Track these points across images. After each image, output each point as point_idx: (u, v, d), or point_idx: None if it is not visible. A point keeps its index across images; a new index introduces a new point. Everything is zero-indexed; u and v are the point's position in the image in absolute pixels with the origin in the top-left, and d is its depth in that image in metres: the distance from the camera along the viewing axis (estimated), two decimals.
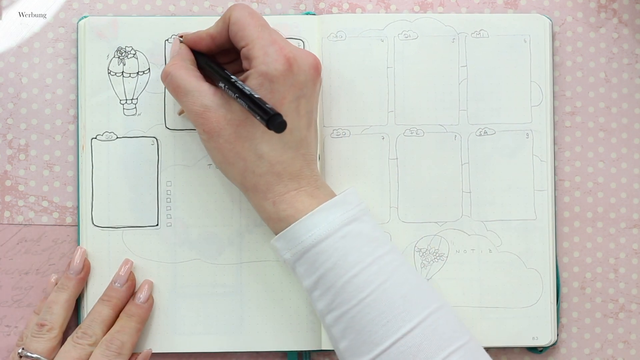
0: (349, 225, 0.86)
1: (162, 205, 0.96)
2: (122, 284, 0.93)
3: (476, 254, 0.97)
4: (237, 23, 0.88)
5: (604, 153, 0.99)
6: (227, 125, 0.86)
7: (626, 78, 0.99)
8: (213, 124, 0.87)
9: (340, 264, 0.85)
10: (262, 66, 0.85)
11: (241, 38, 0.87)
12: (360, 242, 0.86)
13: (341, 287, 0.84)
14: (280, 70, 0.85)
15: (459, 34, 0.97)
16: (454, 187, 0.97)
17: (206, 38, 0.91)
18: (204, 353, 0.97)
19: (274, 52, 0.86)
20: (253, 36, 0.87)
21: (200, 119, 0.87)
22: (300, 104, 0.87)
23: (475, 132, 0.97)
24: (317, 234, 0.85)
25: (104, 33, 0.96)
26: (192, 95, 0.87)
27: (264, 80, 0.85)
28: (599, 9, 0.99)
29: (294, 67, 0.86)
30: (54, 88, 0.97)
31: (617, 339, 0.99)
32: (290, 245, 0.86)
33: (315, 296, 0.87)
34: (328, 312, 0.86)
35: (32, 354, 0.91)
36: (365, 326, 0.84)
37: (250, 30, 0.87)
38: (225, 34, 0.89)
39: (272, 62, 0.85)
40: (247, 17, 0.88)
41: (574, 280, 0.99)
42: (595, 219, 0.99)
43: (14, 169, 0.96)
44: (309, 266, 0.86)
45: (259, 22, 0.88)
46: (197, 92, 0.87)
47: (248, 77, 0.86)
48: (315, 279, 0.86)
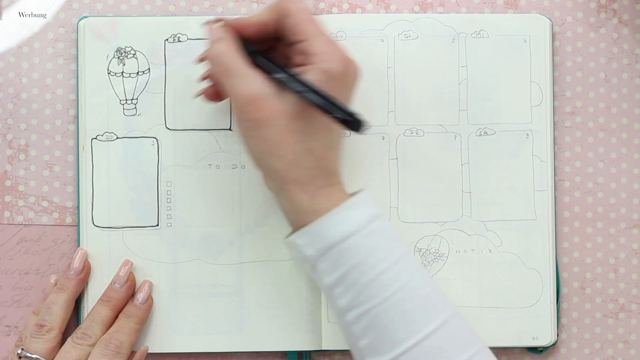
0: (374, 222, 0.85)
1: (162, 205, 0.96)
2: (121, 284, 0.93)
3: (476, 254, 0.97)
4: (295, 16, 0.85)
5: (604, 153, 0.99)
6: (280, 116, 0.83)
7: (626, 78, 0.99)
8: (265, 112, 0.83)
9: (366, 261, 0.83)
10: (325, 64, 0.84)
11: (299, 32, 0.85)
12: (385, 239, 0.85)
13: (366, 284, 0.83)
14: (340, 70, 0.84)
15: (459, 34, 0.97)
16: (454, 187, 0.97)
17: (255, 24, 0.87)
18: (204, 353, 0.97)
19: (336, 52, 0.84)
20: (313, 32, 0.85)
21: (249, 107, 0.83)
22: None
23: (475, 132, 0.97)
24: (345, 230, 0.84)
25: (104, 33, 0.96)
26: (245, 79, 0.84)
27: (324, 78, 0.83)
28: (599, 9, 0.99)
29: (349, 70, 0.85)
30: (54, 88, 0.97)
31: (617, 339, 0.99)
32: (315, 240, 0.84)
33: (336, 293, 0.85)
34: (350, 309, 0.84)
35: (31, 354, 0.91)
36: (388, 325, 0.83)
37: (310, 25, 0.85)
38: (275, 24, 0.87)
39: (335, 60, 0.84)
40: (305, 12, 0.85)
41: (574, 280, 0.99)
42: (595, 219, 0.99)
43: (14, 169, 0.96)
44: (333, 262, 0.84)
45: (315, 19, 0.86)
46: (251, 77, 0.84)
47: (306, 72, 0.84)
48: (338, 275, 0.84)
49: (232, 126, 0.96)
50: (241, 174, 0.96)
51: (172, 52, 0.96)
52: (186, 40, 0.96)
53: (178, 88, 0.96)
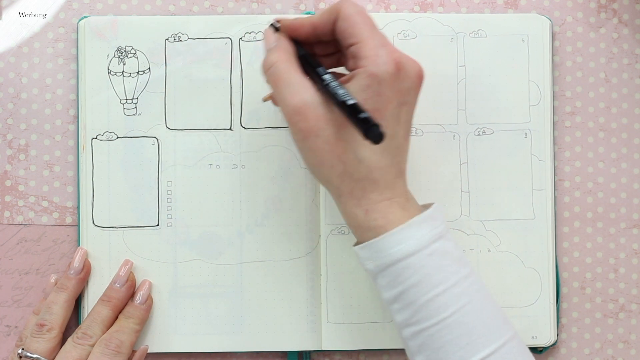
0: (436, 242, 0.83)
1: (162, 205, 0.96)
2: (121, 284, 0.94)
3: (475, 253, 0.97)
4: (348, 19, 0.84)
5: (604, 153, 0.99)
6: (327, 125, 0.82)
7: (626, 78, 0.99)
8: (311, 122, 0.82)
9: (425, 282, 0.82)
10: (372, 67, 0.82)
11: (351, 35, 0.84)
12: (445, 261, 0.83)
13: (423, 305, 0.82)
14: (389, 74, 0.82)
15: (457, 34, 0.97)
16: (453, 187, 0.97)
17: (308, 26, 0.87)
18: (204, 353, 0.97)
19: (385, 55, 0.83)
20: (364, 35, 0.83)
21: (297, 116, 0.82)
22: (402, 110, 0.84)
23: (473, 132, 0.97)
24: (405, 250, 0.82)
25: (104, 33, 0.96)
26: (293, 87, 0.82)
27: (372, 82, 0.82)
28: (599, 9, 0.99)
29: (401, 73, 0.83)
30: (54, 88, 0.97)
31: (617, 339, 0.99)
32: (375, 256, 0.83)
33: (394, 309, 0.84)
34: (406, 325, 0.84)
35: (31, 354, 0.91)
36: (443, 346, 0.82)
37: (362, 28, 0.84)
38: (329, 27, 0.86)
39: (383, 64, 0.82)
40: (358, 15, 0.84)
41: (574, 280, 0.99)
42: (595, 219, 0.99)
43: (14, 169, 0.96)
44: (392, 279, 0.83)
45: (370, 22, 0.84)
46: (298, 85, 0.82)
47: (355, 76, 0.83)
48: (396, 292, 0.83)
49: (232, 126, 0.96)
50: (241, 174, 0.96)
51: (172, 51, 0.96)
52: (186, 39, 0.96)
53: (178, 87, 0.96)
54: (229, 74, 0.96)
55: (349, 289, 0.96)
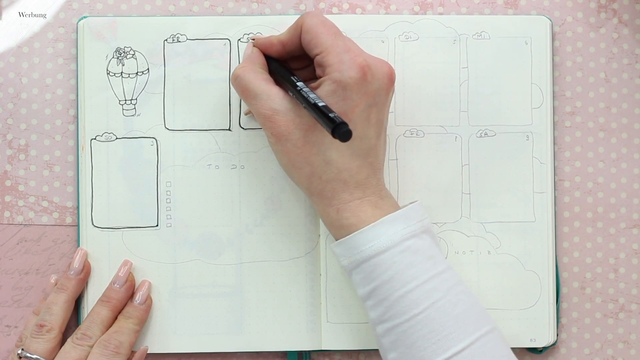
0: (409, 240, 0.85)
1: (162, 205, 0.96)
2: (121, 285, 0.94)
3: (475, 255, 0.97)
4: (310, 31, 0.87)
5: (604, 153, 0.99)
6: (296, 129, 0.86)
7: (626, 78, 0.99)
8: (281, 127, 0.86)
9: (396, 278, 0.84)
10: (336, 74, 0.85)
11: (315, 46, 0.87)
12: (417, 258, 0.85)
13: (395, 301, 0.84)
14: (354, 78, 0.85)
15: (460, 36, 0.97)
16: (454, 188, 0.97)
17: (277, 44, 0.91)
18: (204, 353, 0.97)
19: (348, 60, 0.85)
20: (327, 44, 0.86)
21: (268, 122, 0.87)
22: (371, 112, 0.87)
23: (475, 134, 0.97)
24: (377, 246, 0.85)
25: (104, 33, 0.96)
26: (260, 98, 0.87)
27: (337, 88, 0.85)
28: (599, 9, 0.99)
29: (367, 76, 0.86)
30: (54, 88, 0.96)
31: (617, 339, 0.99)
32: (349, 253, 0.86)
33: (368, 305, 0.87)
34: (379, 322, 0.86)
35: (31, 354, 0.91)
36: (416, 342, 0.84)
37: (324, 38, 0.87)
38: (296, 41, 0.89)
39: (347, 69, 0.85)
40: (320, 25, 0.87)
41: (574, 281, 0.99)
42: (595, 219, 0.99)
43: (14, 169, 0.96)
44: (365, 276, 0.86)
45: (333, 30, 0.88)
46: (265, 95, 0.87)
47: (321, 84, 0.86)
48: (370, 289, 0.86)
49: (231, 126, 0.96)
50: (241, 174, 0.96)
51: (171, 52, 0.96)
52: (185, 40, 0.96)
53: (177, 88, 0.96)
54: (228, 74, 0.96)
55: (348, 289, 0.96)
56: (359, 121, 0.86)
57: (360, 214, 0.86)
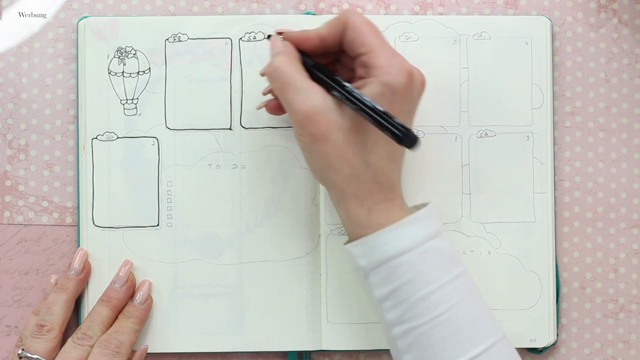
0: (431, 240, 0.84)
1: (162, 205, 0.96)
2: (121, 284, 0.94)
3: (475, 255, 0.97)
4: (357, 29, 0.85)
5: (604, 153, 0.99)
6: (338, 130, 0.83)
7: (626, 78, 0.99)
8: (322, 127, 0.83)
9: (418, 279, 0.83)
10: (386, 76, 0.83)
11: (361, 45, 0.85)
12: (439, 259, 0.84)
13: (415, 302, 0.83)
14: (403, 83, 0.83)
15: (460, 36, 0.97)
16: (454, 189, 0.97)
17: (315, 38, 0.87)
18: (204, 353, 0.97)
19: (397, 65, 0.84)
20: (375, 44, 0.84)
21: (307, 121, 0.83)
22: (408, 118, 0.86)
23: (475, 134, 0.97)
24: (400, 246, 0.83)
25: (104, 33, 0.96)
26: (302, 93, 0.83)
27: (385, 91, 0.83)
28: (599, 9, 0.99)
29: (412, 82, 0.85)
30: (54, 88, 0.96)
31: (617, 339, 0.99)
32: (370, 253, 0.85)
33: (385, 306, 0.85)
34: (397, 324, 0.85)
35: (31, 354, 0.91)
36: (434, 344, 0.83)
37: (372, 38, 0.85)
38: (337, 37, 0.86)
39: (396, 73, 0.83)
40: (367, 25, 0.85)
41: (574, 281, 0.99)
42: (595, 219, 0.99)
43: (14, 169, 0.96)
44: (385, 276, 0.84)
45: (379, 32, 0.86)
46: (308, 91, 0.84)
47: (367, 85, 0.84)
48: (389, 290, 0.84)
49: (232, 126, 0.96)
50: (241, 174, 0.96)
51: (172, 51, 0.96)
52: (186, 39, 0.96)
53: (178, 88, 0.96)
54: (229, 74, 0.96)
55: (349, 289, 0.96)
56: None
57: (390, 214, 0.85)
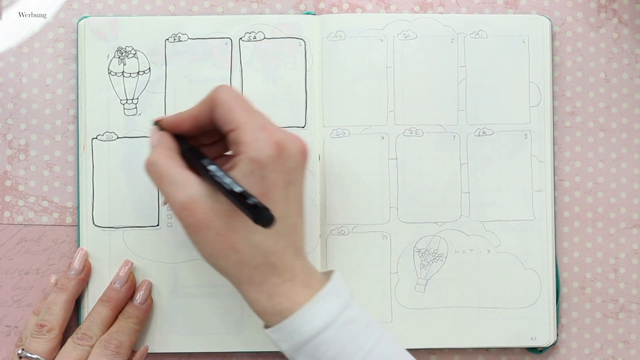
0: (345, 311, 0.83)
1: (162, 205, 0.96)
2: (121, 284, 0.93)
3: (475, 254, 0.97)
4: (224, 106, 0.83)
5: (604, 153, 0.99)
6: (216, 216, 0.82)
7: (626, 78, 0.99)
8: (200, 215, 0.81)
9: (342, 353, 0.82)
10: (252, 152, 0.81)
11: (229, 121, 0.83)
12: (357, 328, 0.83)
13: None
14: (271, 157, 0.81)
15: (458, 34, 0.97)
16: (453, 188, 0.97)
17: (188, 120, 0.86)
18: (204, 353, 0.97)
19: (264, 138, 0.82)
20: (241, 120, 0.82)
21: (185, 211, 0.82)
22: (290, 190, 0.84)
23: (474, 133, 0.97)
24: (317, 326, 0.82)
25: (104, 33, 0.96)
26: (177, 185, 0.82)
27: (254, 167, 0.81)
28: (599, 9, 0.99)
29: (284, 153, 0.82)
30: (54, 88, 0.97)
31: (617, 339, 0.99)
32: (289, 337, 0.83)
33: None
34: None
35: (31, 354, 0.91)
36: None
37: (239, 113, 0.83)
38: (207, 115, 0.85)
39: (263, 147, 0.81)
40: (234, 100, 0.83)
41: (574, 280, 0.99)
42: (595, 219, 0.99)
43: (14, 169, 0.96)
44: (309, 356, 0.83)
45: (246, 105, 0.84)
46: (182, 182, 0.82)
47: (237, 163, 0.82)
48: None
49: None
50: None
51: (172, 51, 0.96)
52: (187, 39, 0.96)
53: (178, 88, 0.96)
54: (229, 74, 0.96)
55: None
56: (279, 201, 0.82)
57: (293, 296, 0.83)
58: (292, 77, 0.96)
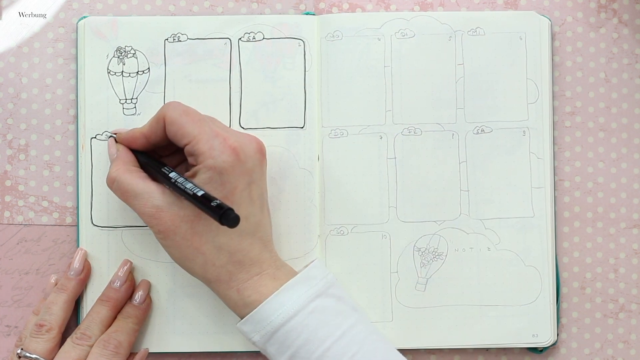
0: (315, 300, 0.87)
1: None
2: (120, 284, 0.93)
3: (475, 252, 0.96)
4: (174, 123, 0.87)
5: (604, 153, 0.99)
6: (182, 222, 0.86)
7: (626, 78, 0.99)
8: (167, 223, 0.87)
9: (312, 340, 0.85)
10: (209, 160, 0.86)
11: (182, 136, 0.87)
12: (327, 316, 0.86)
13: None
14: (228, 162, 0.86)
15: (455, 32, 0.97)
16: (452, 186, 0.97)
17: (140, 138, 0.91)
18: (204, 353, 0.97)
19: (219, 145, 0.86)
20: (194, 132, 0.87)
21: (153, 220, 0.87)
22: (252, 189, 0.88)
23: (472, 130, 0.97)
24: (285, 313, 0.86)
25: (104, 33, 0.96)
26: (141, 197, 0.87)
27: (213, 174, 0.85)
28: (599, 9, 0.99)
29: (240, 156, 0.87)
30: (54, 88, 0.97)
31: (617, 339, 0.99)
32: (259, 327, 0.87)
33: None
34: None
35: (31, 354, 0.91)
36: None
37: (190, 127, 0.87)
38: (160, 133, 0.89)
39: (219, 154, 0.86)
40: (183, 116, 0.87)
41: (574, 280, 0.98)
42: (595, 219, 0.99)
43: (14, 169, 0.96)
44: (280, 345, 0.86)
45: (196, 117, 0.88)
46: (146, 193, 0.87)
47: (197, 172, 0.86)
48: (288, 356, 0.86)
49: (231, 126, 0.96)
50: None
51: (172, 51, 0.96)
52: (186, 39, 0.96)
53: (178, 88, 0.96)
54: (228, 74, 0.96)
55: (348, 288, 0.96)
56: (241, 201, 0.87)
57: (261, 288, 0.87)
58: (291, 78, 0.96)
